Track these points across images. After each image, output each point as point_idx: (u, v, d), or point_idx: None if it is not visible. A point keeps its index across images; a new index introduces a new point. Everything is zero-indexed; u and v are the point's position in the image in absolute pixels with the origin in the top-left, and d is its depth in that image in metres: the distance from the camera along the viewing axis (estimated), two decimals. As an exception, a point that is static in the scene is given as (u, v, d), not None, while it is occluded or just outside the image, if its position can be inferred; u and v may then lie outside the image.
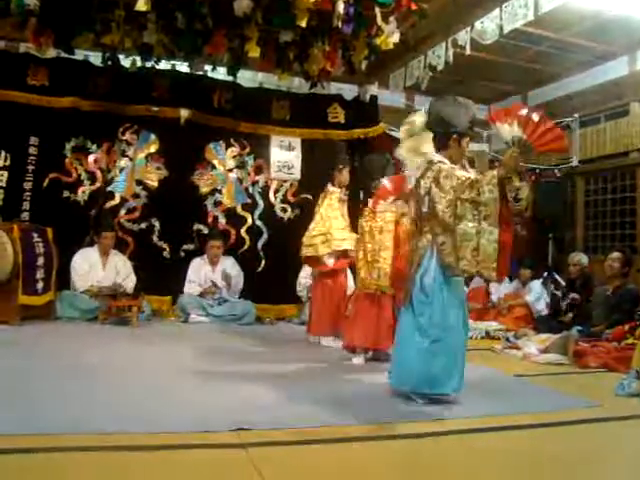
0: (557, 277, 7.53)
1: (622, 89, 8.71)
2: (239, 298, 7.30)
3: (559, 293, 7.06)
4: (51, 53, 6.68)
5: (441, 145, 3.68)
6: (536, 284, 7.46)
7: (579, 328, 5.76)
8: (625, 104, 8.79)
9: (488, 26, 6.33)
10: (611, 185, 9.12)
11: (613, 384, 4.09)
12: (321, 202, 5.99)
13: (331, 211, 5.82)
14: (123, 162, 7.35)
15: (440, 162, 3.57)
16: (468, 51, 6.67)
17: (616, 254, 6.16)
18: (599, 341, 5.30)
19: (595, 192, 9.42)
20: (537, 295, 7.26)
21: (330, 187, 6.00)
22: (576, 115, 9.22)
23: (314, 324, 5.87)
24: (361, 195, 6.45)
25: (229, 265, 7.39)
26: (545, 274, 8.15)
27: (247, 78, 7.94)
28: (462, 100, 3.73)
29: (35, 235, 6.32)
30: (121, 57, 6.68)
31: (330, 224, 5.75)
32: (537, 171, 9.53)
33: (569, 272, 7.02)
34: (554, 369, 4.97)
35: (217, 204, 7.70)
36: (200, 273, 7.27)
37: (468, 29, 6.56)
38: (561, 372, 4.87)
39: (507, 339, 6.09)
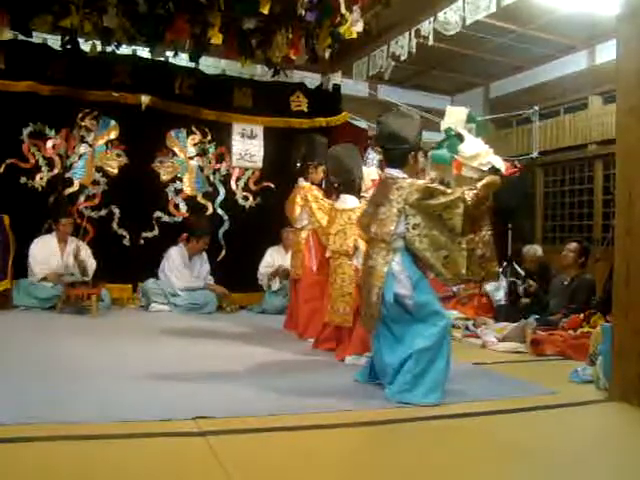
0: (516, 267, 7.62)
1: (581, 83, 8.84)
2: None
3: (518, 282, 7.17)
4: (7, 35, 6.47)
5: (398, 162, 3.66)
6: (495, 274, 7.53)
7: (536, 317, 5.86)
8: (584, 97, 8.93)
9: (451, 17, 6.37)
10: (569, 177, 9.27)
11: (569, 371, 4.17)
12: (301, 200, 5.74)
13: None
14: (82, 148, 7.21)
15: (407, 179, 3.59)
16: (431, 42, 6.71)
17: (573, 245, 6.29)
18: (556, 329, 5.39)
19: (554, 183, 9.56)
20: (496, 284, 7.34)
21: (303, 182, 5.85)
22: (536, 107, 9.33)
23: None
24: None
25: (204, 257, 7.39)
26: (504, 264, 8.25)
27: (209, 65, 7.85)
28: (408, 112, 3.77)
29: (-9, 222, 6.20)
30: (81, 41, 6.53)
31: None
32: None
33: (526, 266, 7.13)
34: (512, 357, 5.06)
35: (178, 192, 7.62)
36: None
37: (431, 20, 6.59)
38: (519, 360, 4.96)
39: (466, 327, 6.17)
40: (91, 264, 6.75)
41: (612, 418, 3.38)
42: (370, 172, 6.36)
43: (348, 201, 4.88)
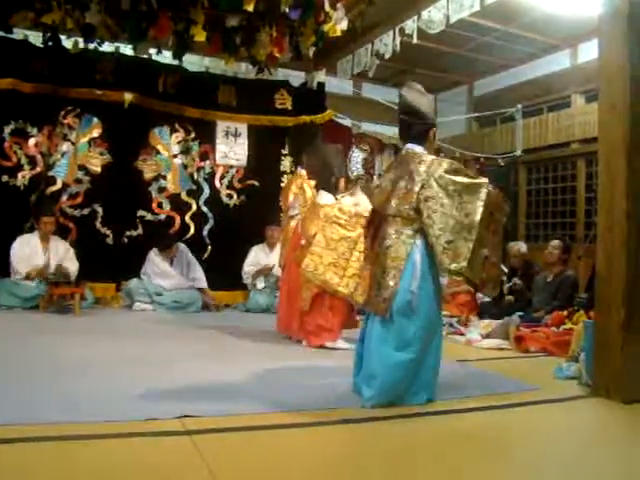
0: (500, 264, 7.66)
1: (564, 81, 8.91)
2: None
3: (503, 279, 7.19)
4: (-13, 32, 6.43)
5: (420, 137, 3.53)
6: (479, 271, 7.54)
7: (520, 314, 5.89)
8: (567, 96, 9.00)
9: (435, 15, 6.38)
10: (552, 174, 9.33)
11: (552, 368, 4.21)
12: (296, 188, 5.75)
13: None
14: (65, 146, 7.15)
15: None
16: (415, 40, 6.71)
17: (556, 242, 6.32)
18: (539, 326, 5.44)
19: (537, 181, 9.62)
20: (480, 282, 7.36)
21: (301, 171, 5.87)
22: (519, 105, 9.40)
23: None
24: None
25: (185, 255, 7.34)
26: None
27: (193, 62, 7.80)
28: (421, 88, 3.71)
29: (-28, 221, 6.13)
30: (63, 38, 6.48)
31: None
32: (481, 160, 9.69)
33: (511, 262, 7.16)
34: (496, 354, 5.09)
35: (161, 190, 7.59)
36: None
37: (415, 18, 6.60)
38: (502, 357, 4.99)
39: (451, 325, 6.20)
40: (73, 270, 6.66)
41: (595, 414, 3.40)
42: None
43: (324, 197, 5.04)
